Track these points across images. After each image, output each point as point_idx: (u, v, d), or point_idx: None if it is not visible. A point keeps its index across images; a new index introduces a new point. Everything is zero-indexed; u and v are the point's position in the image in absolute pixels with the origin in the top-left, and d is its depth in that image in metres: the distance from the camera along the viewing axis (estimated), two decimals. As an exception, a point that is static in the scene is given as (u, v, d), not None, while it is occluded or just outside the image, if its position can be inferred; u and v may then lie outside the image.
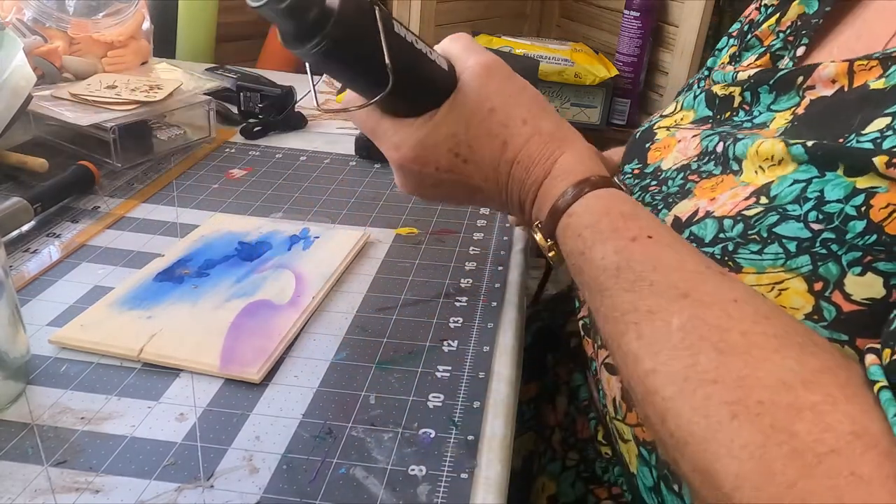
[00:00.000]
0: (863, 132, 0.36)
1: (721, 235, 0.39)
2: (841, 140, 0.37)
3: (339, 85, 1.05)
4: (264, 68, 1.13)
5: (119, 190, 0.67)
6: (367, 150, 0.78)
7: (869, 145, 0.35)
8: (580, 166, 0.41)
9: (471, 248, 0.61)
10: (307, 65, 0.35)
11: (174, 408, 0.41)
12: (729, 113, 0.49)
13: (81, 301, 0.50)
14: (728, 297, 0.32)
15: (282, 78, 0.96)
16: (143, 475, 0.37)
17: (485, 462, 0.39)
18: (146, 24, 0.92)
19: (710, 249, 0.39)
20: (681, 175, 0.47)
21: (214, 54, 1.22)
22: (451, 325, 0.50)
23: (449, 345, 0.48)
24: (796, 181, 0.37)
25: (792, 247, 0.36)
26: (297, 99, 0.88)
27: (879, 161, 0.33)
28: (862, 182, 0.34)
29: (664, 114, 0.57)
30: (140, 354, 0.45)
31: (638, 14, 1.34)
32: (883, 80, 0.38)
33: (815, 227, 0.35)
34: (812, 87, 0.43)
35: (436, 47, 0.43)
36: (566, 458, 0.54)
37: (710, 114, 0.51)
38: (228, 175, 0.72)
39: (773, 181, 0.38)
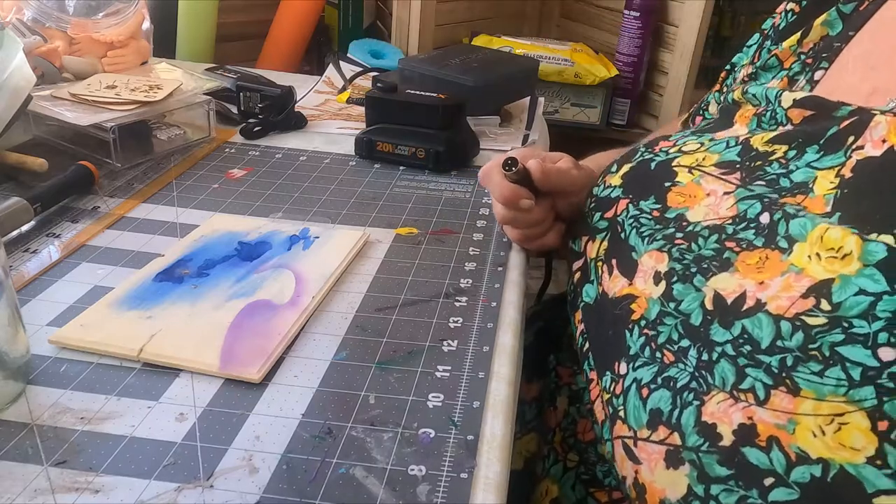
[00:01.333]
0: None
1: (780, 343, 0.35)
2: None
3: (339, 85, 1.05)
4: (264, 68, 1.13)
5: (119, 190, 0.67)
6: (366, 150, 0.78)
7: None
8: None
9: (471, 248, 0.61)
10: None
11: (174, 408, 0.41)
12: (761, 163, 0.44)
13: (81, 301, 0.50)
14: None
15: (282, 78, 0.96)
16: (142, 475, 0.37)
17: (484, 462, 0.39)
18: (146, 24, 0.92)
19: (766, 358, 0.35)
20: (714, 237, 0.42)
21: (214, 54, 1.22)
22: (451, 325, 0.50)
23: (449, 345, 0.48)
24: (863, 292, 0.33)
25: (856, 374, 0.32)
26: (297, 99, 0.88)
27: None
28: None
29: (684, 148, 0.50)
30: (140, 354, 0.45)
31: (638, 14, 1.34)
32: None
33: (886, 354, 0.31)
34: (861, 147, 0.39)
35: None
36: (567, 459, 0.54)
37: (738, 161, 0.45)
38: (228, 175, 0.72)
39: (833, 280, 0.34)
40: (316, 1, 1.30)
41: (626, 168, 0.52)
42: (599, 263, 0.49)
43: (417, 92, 0.77)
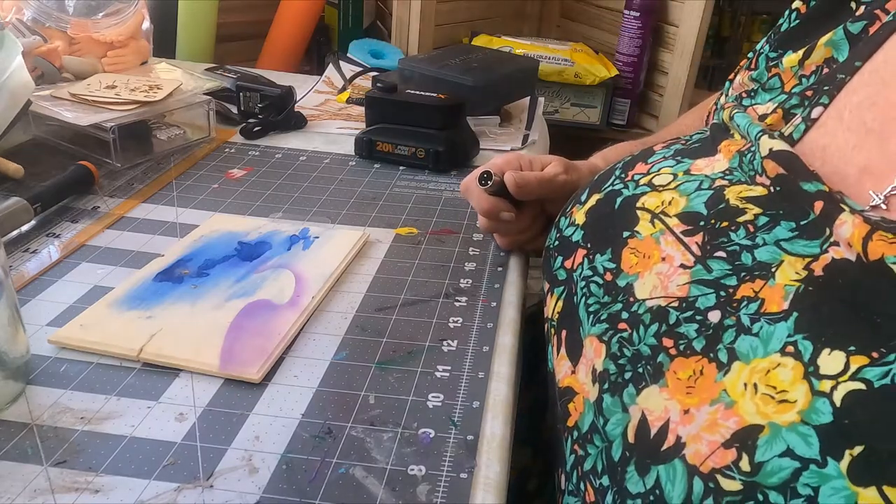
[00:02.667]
0: None
1: None
2: (874, 355, 0.29)
3: (338, 85, 1.05)
4: (264, 68, 1.13)
5: (119, 190, 0.67)
6: (366, 150, 0.78)
7: None
8: None
9: (471, 248, 0.61)
10: None
11: (174, 408, 0.41)
12: (727, 224, 0.39)
13: (81, 301, 0.50)
14: None
15: (282, 78, 0.96)
16: (142, 475, 0.37)
17: (484, 462, 0.39)
18: (146, 24, 0.92)
19: None
20: (654, 328, 0.38)
21: (214, 54, 1.22)
22: (451, 325, 0.50)
23: (449, 345, 0.48)
24: (790, 453, 0.28)
25: None
26: (297, 99, 0.88)
27: None
28: (864, 498, 0.26)
29: (655, 180, 0.45)
30: (140, 354, 0.45)
31: (638, 14, 1.34)
32: None
33: None
34: (837, 245, 0.34)
35: None
36: (560, 478, 0.53)
37: (705, 214, 0.40)
38: (228, 175, 0.72)
39: (762, 428, 0.30)
40: (316, 1, 1.30)
41: (593, 200, 0.47)
42: (553, 329, 0.46)
43: (417, 92, 0.77)
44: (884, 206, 0.34)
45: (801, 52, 0.45)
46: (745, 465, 0.30)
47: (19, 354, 0.42)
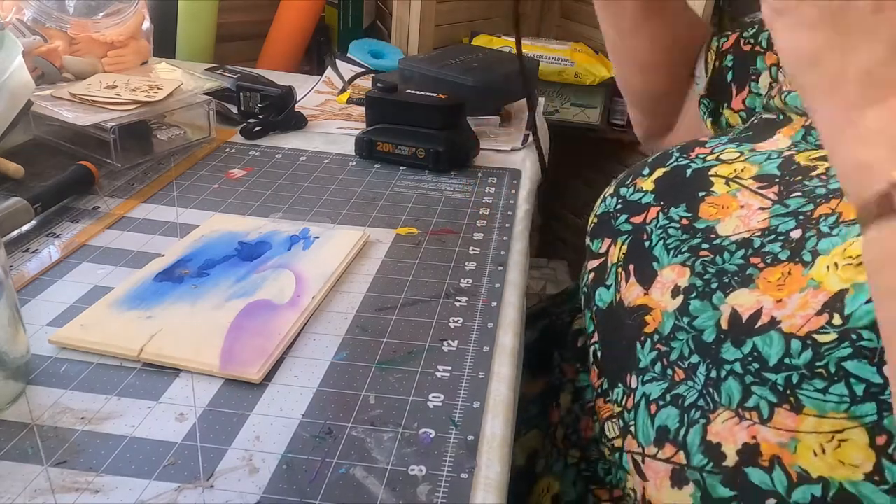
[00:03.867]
0: None
1: (787, 361, 0.34)
2: None
3: (339, 85, 1.05)
4: (264, 68, 1.13)
5: (119, 190, 0.67)
6: (367, 150, 0.78)
7: None
8: None
9: (471, 248, 0.61)
10: None
11: (174, 408, 0.41)
12: (801, 177, 0.42)
13: (81, 301, 0.50)
14: None
15: (282, 78, 0.96)
16: (142, 475, 0.37)
17: (485, 462, 0.39)
18: (146, 24, 0.92)
19: (772, 376, 0.34)
20: (741, 252, 0.41)
21: (214, 54, 1.22)
22: (451, 325, 0.50)
23: (449, 345, 0.48)
24: None
25: (859, 390, 0.31)
26: (297, 99, 0.88)
27: None
28: None
29: (722, 156, 0.48)
30: (140, 354, 0.45)
31: (638, 14, 1.34)
32: None
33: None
34: None
35: None
36: (568, 455, 0.54)
37: (778, 174, 0.44)
38: (228, 175, 0.72)
39: (847, 290, 0.33)
40: (316, 1, 1.30)
41: (659, 172, 0.50)
42: (619, 269, 0.48)
43: (417, 92, 0.77)
44: None
45: None
46: (836, 320, 0.33)
47: (19, 354, 0.42)
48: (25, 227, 0.59)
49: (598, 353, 0.48)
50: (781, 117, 0.50)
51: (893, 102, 0.27)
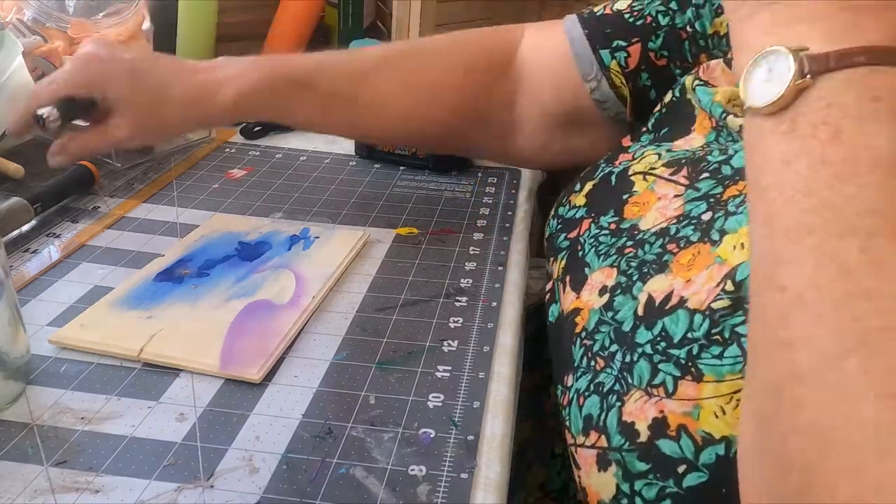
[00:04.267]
0: None
1: (689, 335, 0.36)
2: None
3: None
4: (264, 68, 1.13)
5: (119, 190, 0.67)
6: (367, 150, 0.78)
7: None
8: None
9: (471, 248, 0.61)
10: None
11: (174, 408, 0.41)
12: (703, 153, 0.45)
13: (81, 301, 0.50)
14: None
15: (282, 78, 0.96)
16: (142, 475, 0.37)
17: (485, 462, 0.39)
18: (146, 24, 0.92)
19: (676, 352, 0.36)
20: (659, 242, 0.43)
21: (214, 54, 1.22)
22: (451, 325, 0.50)
23: (449, 345, 0.48)
24: None
25: None
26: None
27: None
28: None
29: (642, 161, 0.49)
30: (140, 354, 0.45)
31: (638, 14, 1.34)
32: None
33: None
34: None
35: None
36: (554, 445, 0.54)
37: (685, 157, 0.46)
38: (228, 175, 0.72)
39: (742, 262, 0.35)
40: (316, 1, 1.30)
41: (588, 186, 0.52)
42: (559, 283, 0.49)
43: (417, 92, 0.77)
44: None
45: None
46: (728, 286, 0.35)
47: (19, 354, 0.42)
48: (25, 227, 0.59)
49: (553, 364, 0.48)
50: (691, 111, 0.50)
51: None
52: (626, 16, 0.58)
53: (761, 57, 0.28)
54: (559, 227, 0.53)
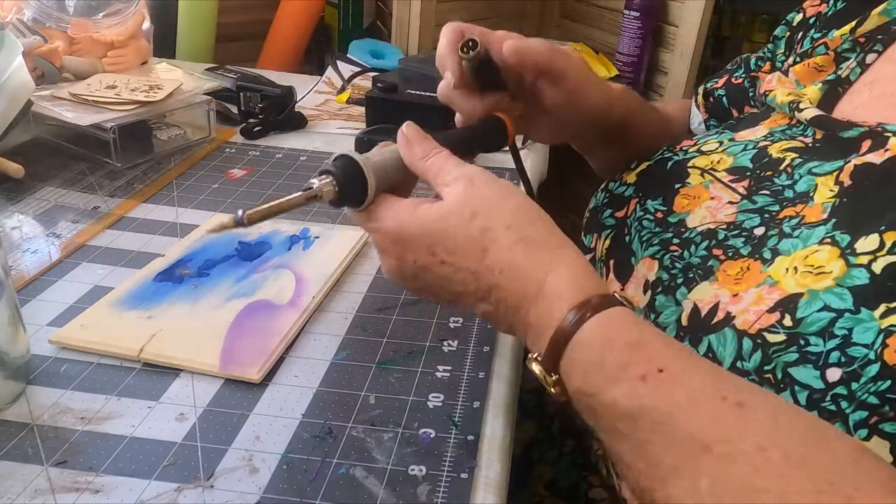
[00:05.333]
0: None
1: (739, 365, 0.35)
2: None
3: (339, 85, 1.05)
4: (264, 68, 1.13)
5: (119, 190, 0.67)
6: (367, 149, 0.77)
7: None
8: (576, 283, 0.35)
9: (471, 248, 0.60)
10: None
11: (174, 408, 0.41)
12: (771, 173, 0.44)
13: (81, 301, 0.50)
14: (751, 444, 0.28)
15: (282, 78, 0.96)
16: (143, 475, 0.37)
17: (485, 462, 0.39)
18: (146, 24, 0.92)
19: None
20: (705, 244, 0.42)
21: (214, 54, 1.22)
22: (451, 325, 0.50)
23: (449, 345, 0.48)
24: (827, 308, 0.33)
25: (802, 398, 0.33)
26: (298, 99, 0.88)
27: None
28: (886, 321, 0.31)
29: (703, 148, 0.50)
30: (140, 354, 0.45)
31: (638, 14, 1.34)
32: None
33: (832, 375, 0.32)
34: (862, 154, 0.39)
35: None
36: (563, 444, 0.54)
37: (750, 167, 0.46)
38: (228, 175, 0.72)
39: (802, 295, 0.35)
40: (316, 1, 1.30)
41: (643, 166, 0.52)
42: (602, 264, 0.49)
43: (417, 92, 0.77)
44: None
45: (852, 23, 0.48)
46: (787, 321, 0.34)
47: (20, 354, 0.42)
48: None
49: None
50: (766, 110, 0.52)
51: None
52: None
53: None
54: (606, 200, 0.52)
